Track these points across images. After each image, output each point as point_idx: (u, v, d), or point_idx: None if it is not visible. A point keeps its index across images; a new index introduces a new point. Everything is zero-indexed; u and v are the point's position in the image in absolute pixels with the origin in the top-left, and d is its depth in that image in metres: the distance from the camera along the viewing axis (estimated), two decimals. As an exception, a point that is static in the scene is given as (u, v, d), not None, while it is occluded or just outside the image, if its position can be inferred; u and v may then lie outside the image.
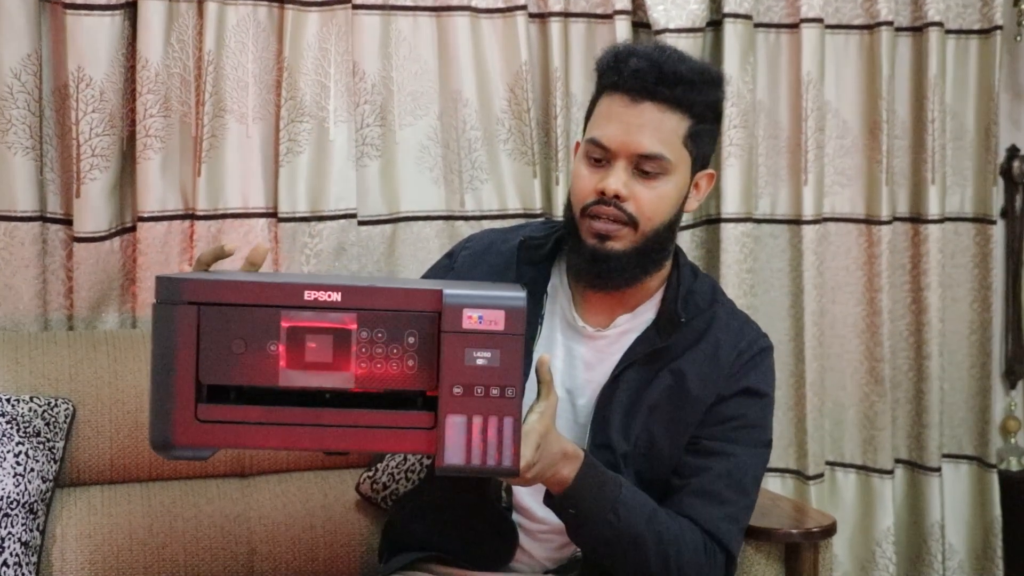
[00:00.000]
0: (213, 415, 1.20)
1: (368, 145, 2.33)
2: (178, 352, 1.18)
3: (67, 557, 1.89)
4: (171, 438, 1.19)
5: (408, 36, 2.34)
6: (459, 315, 1.20)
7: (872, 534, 2.70)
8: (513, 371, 1.21)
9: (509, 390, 1.21)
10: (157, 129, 2.17)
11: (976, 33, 2.70)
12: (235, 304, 1.19)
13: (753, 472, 1.64)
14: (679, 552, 1.53)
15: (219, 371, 1.19)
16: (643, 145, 1.54)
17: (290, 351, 1.19)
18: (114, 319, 2.22)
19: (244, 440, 1.21)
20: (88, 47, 2.09)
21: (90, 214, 2.13)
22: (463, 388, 1.20)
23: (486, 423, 1.21)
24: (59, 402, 1.92)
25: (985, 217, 2.75)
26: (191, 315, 1.18)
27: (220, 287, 1.19)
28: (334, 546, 2.04)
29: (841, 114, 2.67)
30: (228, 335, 1.18)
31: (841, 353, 2.70)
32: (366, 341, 1.20)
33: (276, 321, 1.19)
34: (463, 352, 1.20)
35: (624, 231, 1.56)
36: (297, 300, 1.19)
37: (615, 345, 1.65)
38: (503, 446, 1.21)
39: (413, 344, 1.20)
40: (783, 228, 2.65)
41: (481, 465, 1.21)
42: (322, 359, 1.19)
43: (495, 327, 1.21)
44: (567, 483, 1.45)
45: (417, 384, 1.21)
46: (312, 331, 1.19)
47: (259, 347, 1.19)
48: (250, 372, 1.19)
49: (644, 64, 1.54)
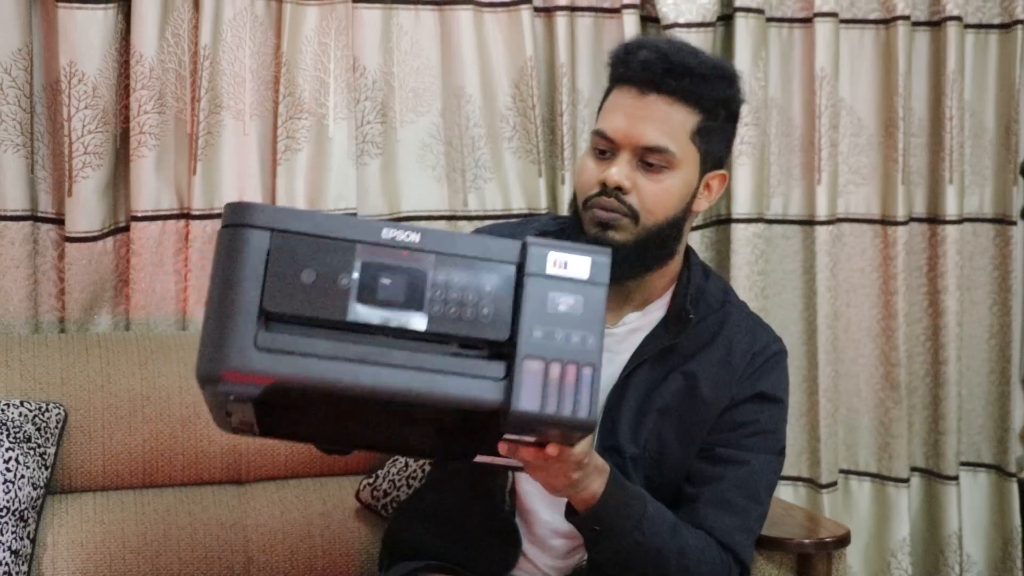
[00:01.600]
0: (274, 344, 1.14)
1: (368, 143, 2.33)
2: (243, 276, 1.14)
3: (58, 566, 1.88)
4: (224, 365, 1.13)
5: (410, 30, 2.35)
6: (544, 259, 1.19)
7: (887, 544, 2.69)
8: (595, 320, 1.18)
9: (590, 339, 1.18)
10: (151, 126, 2.16)
11: (996, 28, 2.70)
12: (309, 234, 1.16)
13: (767, 480, 1.63)
14: (699, 566, 1.53)
15: (285, 299, 1.15)
16: (647, 137, 1.53)
17: (362, 286, 1.16)
18: (107, 321, 2.21)
19: (303, 372, 1.15)
20: (80, 41, 2.09)
21: (82, 213, 2.13)
22: (543, 332, 1.17)
23: (564, 370, 1.17)
24: (50, 407, 1.92)
25: (1005, 218, 2.74)
26: (261, 240, 1.15)
27: (294, 215, 1.17)
28: (333, 555, 2.03)
29: (856, 111, 2.66)
30: (298, 264, 1.15)
31: (855, 358, 2.70)
32: (441, 284, 1.17)
33: (350, 255, 1.16)
34: (546, 296, 1.18)
35: (625, 222, 1.55)
36: (374, 236, 1.17)
37: (624, 343, 1.64)
38: (580, 395, 1.17)
39: (490, 292, 1.18)
40: (796, 229, 2.65)
41: (555, 413, 1.16)
42: (395, 298, 1.16)
43: (579, 275, 1.19)
44: (595, 499, 1.44)
45: (491, 333, 1.18)
46: (387, 268, 1.16)
47: (330, 279, 1.15)
48: (318, 303, 1.15)
49: (653, 56, 1.54)
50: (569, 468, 1.34)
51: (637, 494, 1.49)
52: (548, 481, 1.38)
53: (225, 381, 1.13)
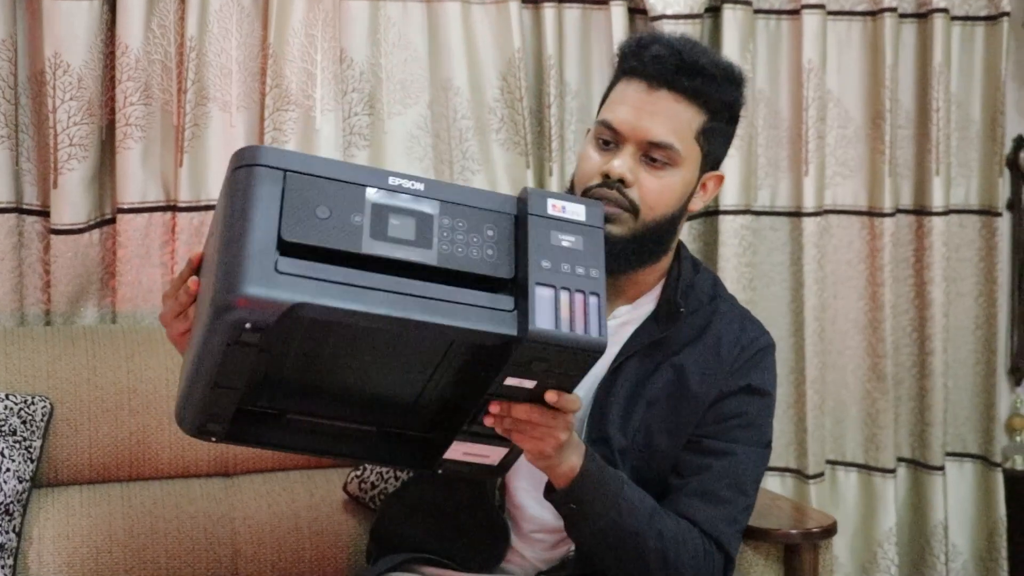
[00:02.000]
0: (294, 268, 1.16)
1: (356, 135, 2.32)
2: (260, 209, 1.17)
3: (44, 560, 1.87)
4: (245, 290, 1.14)
5: (397, 22, 2.34)
6: (544, 203, 1.27)
7: (874, 535, 2.70)
8: (596, 255, 1.26)
9: (593, 271, 1.25)
10: (137, 117, 2.15)
11: (982, 20, 2.70)
12: (321, 176, 1.21)
13: (753, 473, 1.63)
14: (678, 552, 1.52)
15: (302, 229, 1.18)
16: (654, 132, 1.54)
17: (374, 224, 1.21)
18: (93, 314, 2.20)
19: (323, 298, 1.17)
20: (65, 32, 2.07)
21: (68, 205, 2.12)
22: (550, 263, 1.24)
23: (573, 297, 1.23)
24: (36, 400, 1.91)
25: (991, 209, 2.74)
26: (276, 178, 1.18)
27: (305, 159, 1.22)
28: (321, 547, 2.02)
29: (843, 103, 2.66)
30: (313, 201, 1.19)
31: (842, 349, 2.70)
32: (447, 227, 1.24)
33: (361, 196, 1.22)
34: (549, 233, 1.25)
35: (624, 216, 1.55)
36: (382, 182, 1.23)
37: (614, 337, 1.63)
38: (590, 318, 1.23)
39: (492, 236, 1.25)
40: (783, 221, 2.65)
41: (570, 331, 1.22)
42: (405, 235, 1.22)
43: (577, 217, 1.28)
44: (574, 473, 1.44)
45: (497, 271, 1.24)
46: (396, 209, 1.22)
47: (344, 216, 1.20)
48: (334, 236, 1.19)
49: (665, 52, 1.54)
50: (559, 426, 1.35)
51: (615, 475, 1.49)
52: (536, 446, 1.38)
53: (244, 308, 1.15)
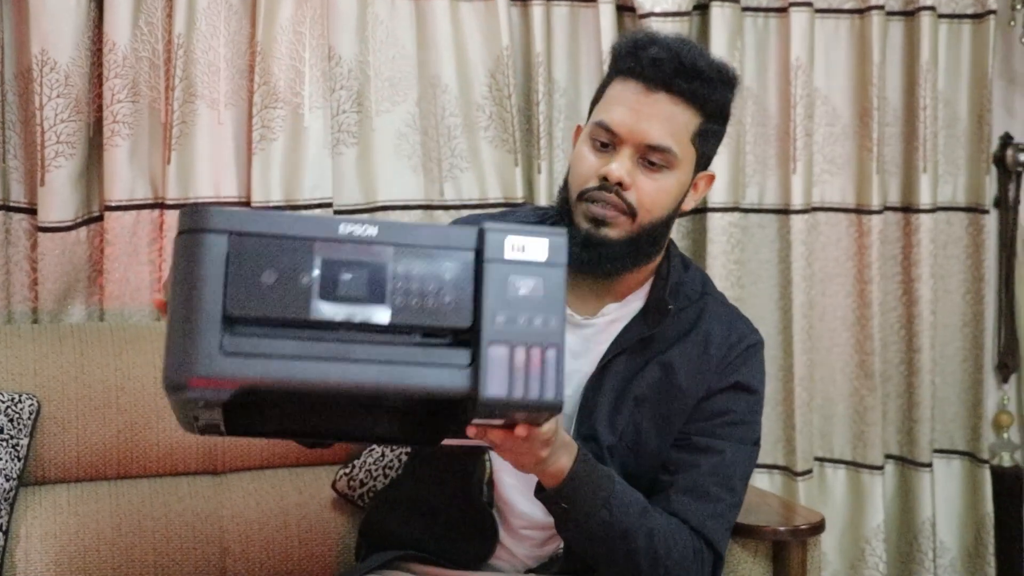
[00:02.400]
0: (240, 347, 1.14)
1: (344, 132, 2.31)
2: (204, 282, 1.13)
3: (31, 558, 1.87)
4: (191, 372, 1.12)
5: (385, 19, 2.33)
6: (501, 244, 1.19)
7: (862, 531, 2.70)
8: (556, 301, 1.19)
9: (552, 320, 1.19)
10: (125, 115, 2.15)
11: (969, 18, 2.70)
12: (267, 234, 1.15)
13: (742, 470, 1.63)
14: (668, 550, 1.52)
15: (248, 302, 1.14)
16: (653, 135, 1.53)
17: (324, 283, 1.15)
18: (81, 312, 2.20)
19: (271, 374, 1.15)
20: (53, 29, 2.06)
21: (55, 203, 2.11)
22: (506, 317, 1.18)
23: (529, 354, 1.18)
24: (23, 398, 1.90)
25: (978, 207, 2.74)
26: (220, 243, 1.14)
27: (251, 217, 1.16)
28: (309, 545, 2.02)
29: (831, 101, 2.66)
30: (258, 265, 1.14)
31: (830, 346, 2.70)
32: (402, 276, 1.17)
33: (309, 252, 1.16)
34: (505, 281, 1.18)
35: (621, 219, 1.55)
36: (332, 233, 1.16)
37: (603, 334, 1.64)
38: (546, 377, 1.18)
39: (450, 281, 1.18)
40: (771, 218, 2.64)
41: (523, 398, 1.17)
42: (356, 293, 1.16)
43: (537, 257, 1.19)
44: (563, 474, 1.43)
45: (454, 320, 1.18)
46: (347, 264, 1.16)
47: (291, 278, 1.15)
48: (281, 303, 1.15)
49: (664, 54, 1.53)
50: (537, 447, 1.34)
51: (605, 473, 1.49)
52: (517, 460, 1.38)
53: (193, 388, 1.13)
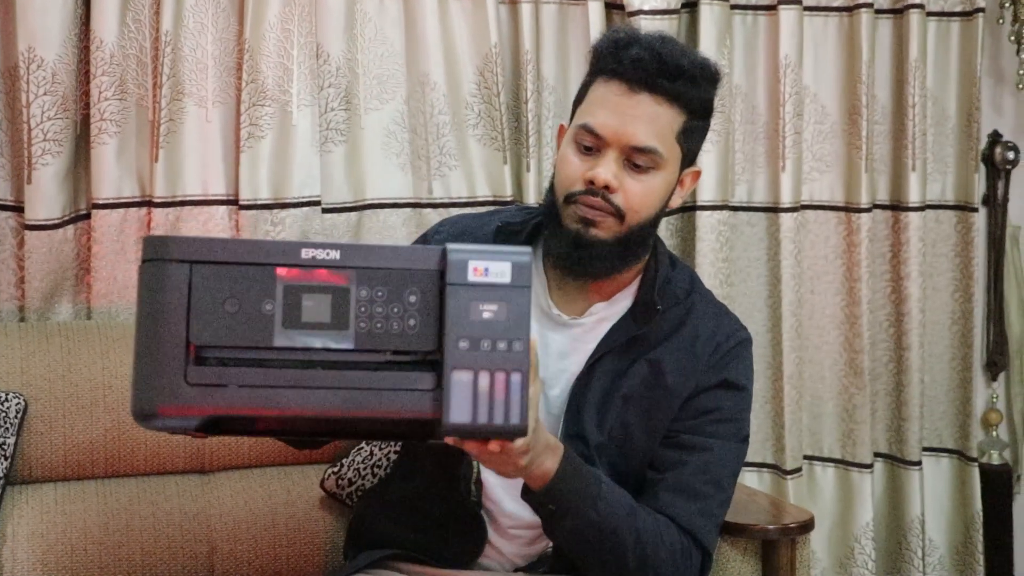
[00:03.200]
0: (204, 378, 1.15)
1: (332, 130, 2.31)
2: (167, 312, 1.15)
3: (18, 557, 1.87)
4: (157, 404, 1.14)
5: (374, 17, 2.33)
6: (464, 267, 1.18)
7: (851, 529, 2.70)
8: (520, 325, 1.19)
9: (517, 344, 1.18)
10: (112, 112, 2.15)
11: (958, 16, 2.70)
12: (229, 262, 1.16)
13: (730, 467, 1.63)
14: (656, 549, 1.52)
15: (211, 332, 1.15)
16: (637, 137, 1.53)
17: (286, 310, 1.16)
18: (68, 310, 2.20)
19: (236, 405, 1.16)
20: (39, 26, 2.07)
21: (42, 201, 2.11)
22: (469, 342, 1.17)
23: (493, 379, 1.17)
24: (10, 396, 1.90)
25: (967, 204, 2.75)
26: (182, 273, 1.15)
27: (212, 245, 1.17)
28: (297, 544, 2.02)
29: (820, 99, 2.66)
30: (221, 294, 1.15)
31: (820, 344, 2.70)
32: (365, 300, 1.17)
33: (271, 279, 1.16)
34: (468, 305, 1.18)
35: (609, 220, 1.55)
36: (294, 258, 1.17)
37: (590, 334, 1.64)
38: (511, 403, 1.18)
39: (414, 303, 1.18)
40: (760, 216, 2.65)
41: (488, 423, 1.18)
42: (319, 318, 1.16)
43: (501, 279, 1.19)
44: (549, 476, 1.43)
45: (419, 344, 1.18)
46: (309, 289, 1.16)
47: (253, 307, 1.16)
48: (244, 332, 1.16)
49: (646, 54, 1.53)
50: (513, 458, 1.34)
51: (592, 473, 1.49)
52: (497, 468, 1.39)
53: (161, 417, 1.15)
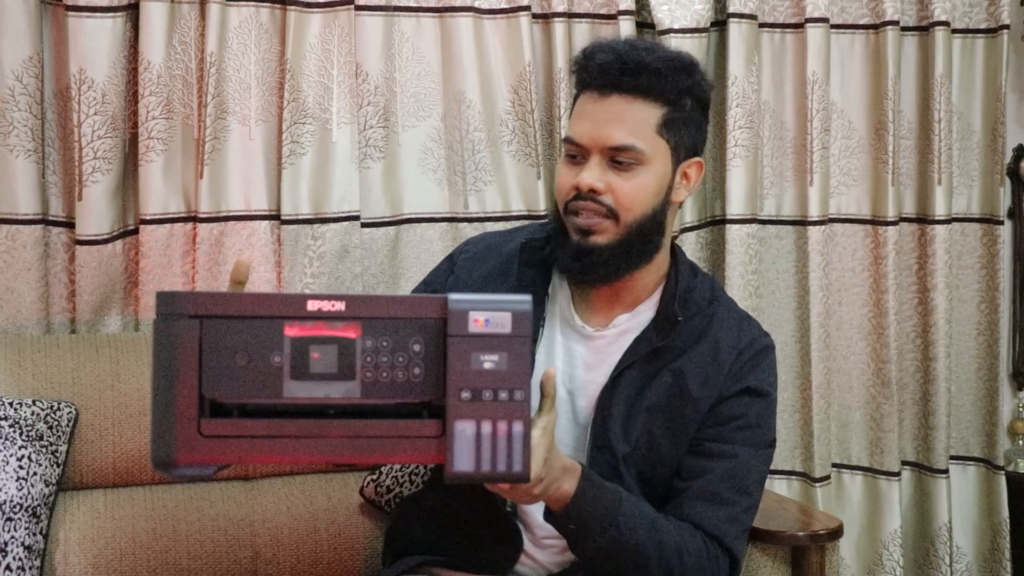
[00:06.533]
0: (217, 430, 1.18)
1: (371, 147, 2.33)
2: (180, 367, 1.18)
3: (70, 561, 1.89)
4: (174, 455, 1.18)
5: (411, 37, 2.34)
6: (465, 319, 1.19)
7: (879, 536, 2.69)
8: (521, 374, 1.20)
9: (518, 393, 1.20)
10: (159, 131, 2.17)
11: (983, 32, 2.69)
12: (238, 316, 1.18)
13: (756, 473, 1.63)
14: (682, 559, 1.53)
15: (222, 385, 1.18)
16: (613, 137, 1.56)
17: (294, 362, 1.19)
18: (116, 322, 2.22)
19: (249, 455, 1.20)
20: (90, 49, 2.09)
21: (92, 217, 2.14)
22: (471, 393, 1.19)
23: (495, 428, 1.19)
24: (62, 405, 1.92)
25: (992, 217, 2.74)
26: (193, 329, 1.18)
27: (222, 300, 1.19)
28: (338, 549, 2.04)
29: (847, 114, 2.66)
30: (231, 348, 1.18)
31: (847, 355, 2.69)
32: (371, 350, 1.19)
33: (279, 332, 1.19)
34: (470, 356, 1.19)
35: (606, 224, 1.57)
36: (300, 311, 1.19)
37: (614, 345, 1.64)
38: (512, 451, 1.20)
39: (419, 352, 1.19)
40: (789, 229, 2.64)
41: (491, 471, 1.20)
42: (326, 370, 1.19)
43: (502, 330, 1.20)
44: (568, 498, 1.45)
45: (423, 393, 1.20)
46: (316, 341, 1.18)
47: (263, 359, 1.18)
48: (254, 386, 1.18)
49: (609, 57, 1.56)
50: (524, 492, 1.37)
51: (612, 490, 1.49)
52: (514, 498, 1.42)
53: (178, 467, 1.19)
